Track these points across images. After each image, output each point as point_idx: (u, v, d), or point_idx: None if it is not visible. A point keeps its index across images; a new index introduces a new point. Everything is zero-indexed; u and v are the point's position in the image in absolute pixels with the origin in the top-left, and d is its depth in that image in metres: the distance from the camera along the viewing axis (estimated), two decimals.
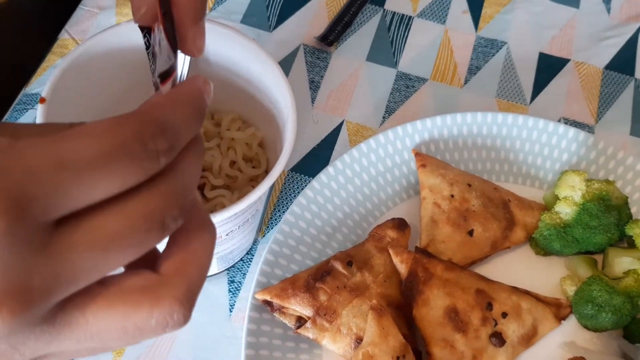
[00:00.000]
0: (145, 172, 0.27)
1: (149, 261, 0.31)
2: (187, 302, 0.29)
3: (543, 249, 0.66)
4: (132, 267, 0.30)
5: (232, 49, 0.57)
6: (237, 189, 0.59)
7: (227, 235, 0.53)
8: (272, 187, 0.58)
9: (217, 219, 0.47)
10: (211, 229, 0.33)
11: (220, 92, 0.64)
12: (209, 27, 0.57)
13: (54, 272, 0.25)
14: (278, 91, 0.55)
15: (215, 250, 0.57)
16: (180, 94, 0.31)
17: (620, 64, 0.83)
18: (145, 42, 0.40)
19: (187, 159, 0.30)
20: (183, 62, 0.39)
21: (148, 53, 0.39)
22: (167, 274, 0.30)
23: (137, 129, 0.27)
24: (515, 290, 0.62)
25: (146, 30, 0.40)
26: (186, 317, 0.29)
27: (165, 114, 0.29)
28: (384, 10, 0.85)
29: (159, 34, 0.37)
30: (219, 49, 0.58)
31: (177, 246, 0.31)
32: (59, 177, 0.25)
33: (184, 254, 0.31)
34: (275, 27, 0.83)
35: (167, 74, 0.35)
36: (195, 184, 0.31)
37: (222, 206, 0.58)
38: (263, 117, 0.60)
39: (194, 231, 0.31)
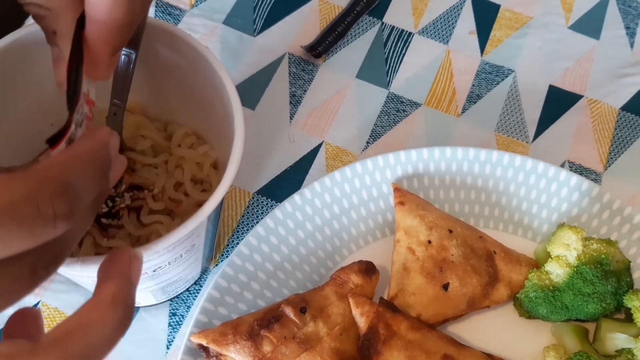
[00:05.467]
0: (37, 238, 0.25)
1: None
2: None
3: (528, 312, 0.58)
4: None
5: (183, 54, 0.49)
6: (180, 215, 0.52)
7: (154, 271, 0.46)
8: (217, 215, 0.50)
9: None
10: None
11: (173, 101, 0.57)
12: (155, 25, 0.50)
13: None
14: (229, 105, 0.47)
15: (146, 285, 0.50)
16: (82, 151, 0.28)
17: (639, 105, 0.74)
18: None
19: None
20: (85, 86, 0.33)
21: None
22: (44, 344, 0.27)
23: (31, 187, 0.24)
24: (490, 358, 0.54)
25: None
26: None
27: (66, 173, 0.26)
28: (383, 23, 0.77)
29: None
30: (170, 54, 0.50)
31: (76, 313, 0.28)
32: None
33: (74, 321, 0.28)
34: (260, 32, 0.75)
35: (58, 136, 0.30)
36: (82, 233, 0.30)
37: (158, 235, 0.50)
38: (218, 135, 0.53)
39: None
